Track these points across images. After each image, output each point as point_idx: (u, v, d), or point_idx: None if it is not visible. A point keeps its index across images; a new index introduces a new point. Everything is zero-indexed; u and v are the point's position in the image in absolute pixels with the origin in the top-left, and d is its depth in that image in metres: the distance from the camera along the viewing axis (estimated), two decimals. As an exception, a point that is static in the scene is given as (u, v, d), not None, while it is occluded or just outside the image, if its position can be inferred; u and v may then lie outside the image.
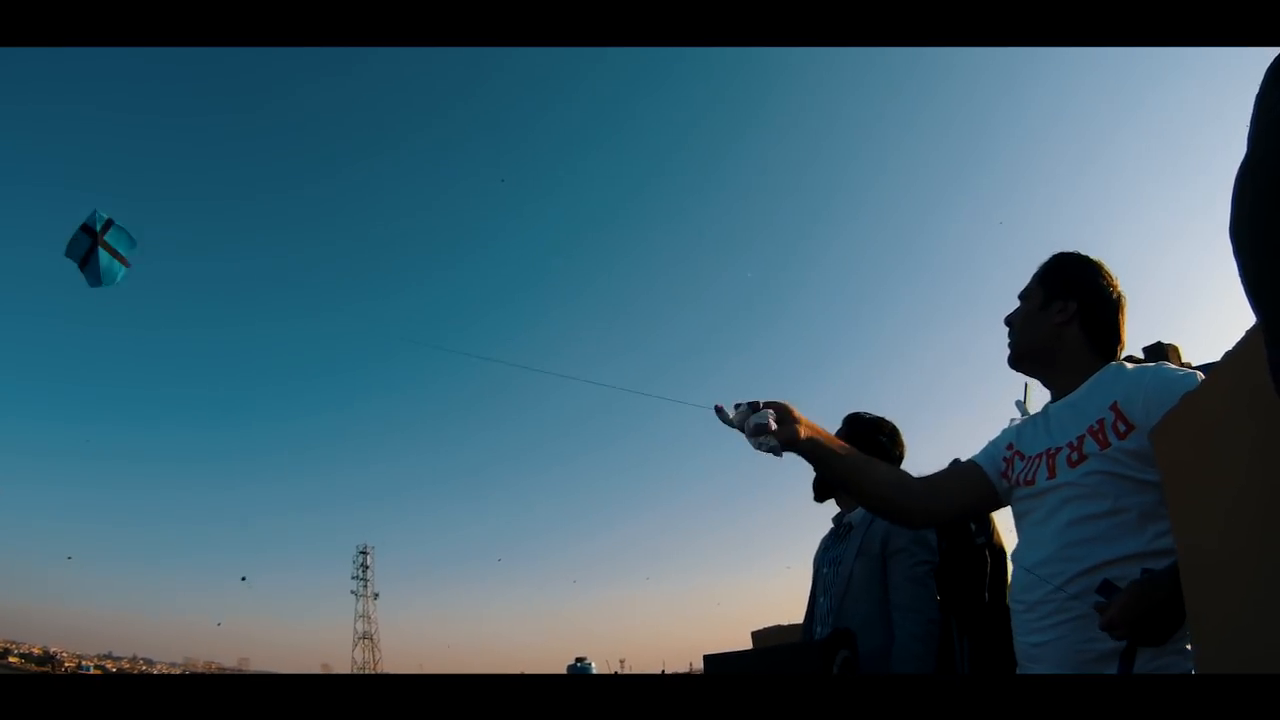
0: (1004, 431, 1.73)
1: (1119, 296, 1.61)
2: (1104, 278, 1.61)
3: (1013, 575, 1.56)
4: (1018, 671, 1.53)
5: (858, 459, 1.59)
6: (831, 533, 2.63)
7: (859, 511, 2.53)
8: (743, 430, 1.48)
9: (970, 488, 1.67)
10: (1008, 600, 1.58)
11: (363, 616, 70.79)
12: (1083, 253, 1.65)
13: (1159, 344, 2.37)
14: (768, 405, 1.49)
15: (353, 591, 71.26)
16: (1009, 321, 1.69)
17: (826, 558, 2.55)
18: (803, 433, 1.50)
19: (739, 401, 1.51)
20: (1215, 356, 1.39)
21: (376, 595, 72.12)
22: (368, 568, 71.68)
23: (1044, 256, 1.69)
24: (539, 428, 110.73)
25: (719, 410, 1.50)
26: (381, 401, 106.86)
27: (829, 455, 1.54)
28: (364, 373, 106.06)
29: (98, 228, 6.04)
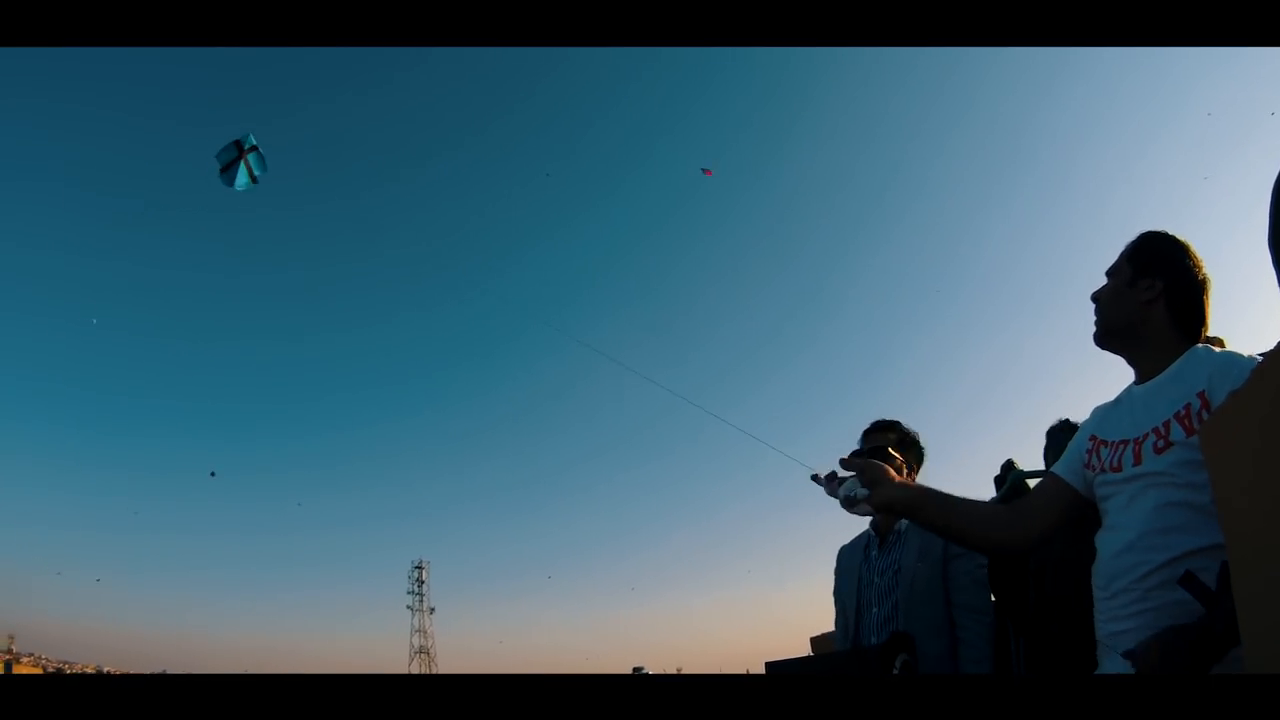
0: (1083, 426, 1.72)
1: (1204, 278, 1.59)
2: (1190, 258, 1.60)
3: (1096, 562, 1.55)
4: (1097, 656, 1.52)
5: (947, 503, 1.65)
6: (868, 542, 2.60)
7: None
8: (838, 499, 1.65)
9: (1053, 501, 1.67)
10: (1092, 586, 1.56)
11: (418, 631, 71.67)
12: (1170, 232, 1.64)
13: (1207, 337, 2.33)
14: (854, 462, 1.63)
15: (408, 606, 72.27)
16: (1095, 298, 1.67)
17: (877, 566, 2.53)
18: (893, 493, 1.62)
19: (819, 472, 1.69)
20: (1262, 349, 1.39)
21: (433, 610, 73.00)
22: (423, 582, 72.60)
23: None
24: (596, 438, 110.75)
25: (815, 479, 1.68)
26: (434, 415, 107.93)
27: (920, 508, 1.65)
28: (414, 387, 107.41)
29: (246, 146, 8.37)
